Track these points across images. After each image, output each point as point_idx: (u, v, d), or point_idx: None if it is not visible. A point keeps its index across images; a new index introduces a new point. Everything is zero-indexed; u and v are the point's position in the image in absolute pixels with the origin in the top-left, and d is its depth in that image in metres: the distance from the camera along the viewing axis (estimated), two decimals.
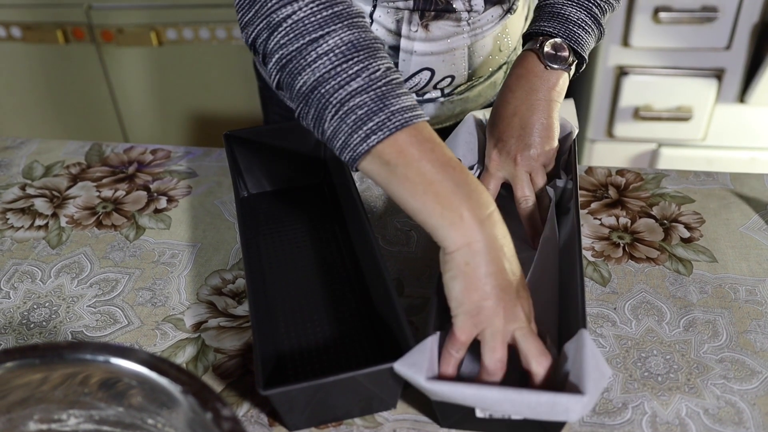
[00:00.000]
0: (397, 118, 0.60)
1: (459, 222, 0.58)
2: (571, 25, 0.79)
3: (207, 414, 0.47)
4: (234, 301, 0.77)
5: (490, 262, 0.59)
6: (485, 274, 0.58)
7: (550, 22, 0.80)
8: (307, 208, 0.88)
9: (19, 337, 0.74)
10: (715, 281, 0.77)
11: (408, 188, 0.60)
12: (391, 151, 0.60)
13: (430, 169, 0.59)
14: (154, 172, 0.96)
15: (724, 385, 0.67)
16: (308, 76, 0.62)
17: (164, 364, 0.50)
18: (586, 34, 0.80)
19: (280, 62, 0.64)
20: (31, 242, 0.86)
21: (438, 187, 0.59)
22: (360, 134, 0.60)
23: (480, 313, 0.59)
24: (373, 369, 0.59)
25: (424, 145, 0.60)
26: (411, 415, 0.65)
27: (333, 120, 0.61)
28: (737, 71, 1.59)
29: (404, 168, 0.60)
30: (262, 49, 0.66)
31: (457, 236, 0.59)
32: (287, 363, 0.69)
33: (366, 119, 0.60)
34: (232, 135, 0.88)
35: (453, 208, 0.59)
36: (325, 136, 0.63)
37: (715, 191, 0.89)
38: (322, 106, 0.62)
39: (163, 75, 1.87)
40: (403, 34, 0.87)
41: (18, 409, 0.53)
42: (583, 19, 0.80)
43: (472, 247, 0.58)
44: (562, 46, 0.79)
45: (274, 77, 0.65)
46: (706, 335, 0.71)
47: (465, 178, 0.60)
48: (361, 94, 0.61)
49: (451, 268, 0.59)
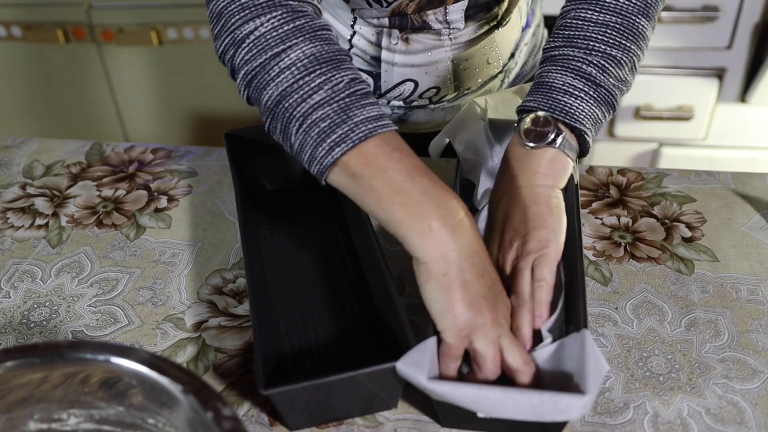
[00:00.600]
0: (360, 129, 0.59)
1: (429, 232, 0.58)
2: (554, 93, 0.69)
3: (208, 413, 0.47)
4: (235, 301, 0.77)
5: (467, 271, 0.58)
6: (464, 284, 0.58)
7: (532, 94, 0.71)
8: (307, 207, 0.88)
9: (19, 337, 0.74)
10: (717, 281, 0.77)
11: (375, 199, 0.59)
12: (356, 163, 0.59)
13: (397, 178, 0.58)
14: (154, 171, 0.96)
15: (726, 384, 0.66)
16: (272, 90, 0.62)
17: (165, 364, 0.50)
18: (577, 101, 0.68)
19: (246, 78, 0.64)
20: (32, 241, 0.86)
21: (405, 196, 0.58)
22: (324, 147, 0.60)
23: (466, 324, 0.59)
24: (374, 368, 0.59)
25: (391, 154, 0.59)
26: (412, 415, 0.65)
27: (298, 133, 0.61)
28: (738, 71, 1.59)
29: (370, 179, 0.59)
30: (230, 64, 0.66)
31: (430, 247, 0.58)
32: (288, 362, 0.69)
33: (329, 131, 0.59)
34: (233, 134, 0.87)
35: (422, 217, 0.58)
36: (293, 149, 0.63)
37: (716, 191, 0.89)
38: (287, 120, 0.62)
39: (164, 74, 1.87)
40: (384, 45, 0.86)
41: (18, 408, 0.53)
42: (569, 83, 0.68)
43: (447, 258, 0.58)
44: (546, 119, 0.68)
45: (243, 92, 0.65)
46: (707, 335, 0.71)
47: (433, 185, 0.59)
48: (323, 106, 0.60)
49: (428, 280, 0.59)
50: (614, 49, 0.69)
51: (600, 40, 0.69)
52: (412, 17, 0.83)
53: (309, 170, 0.62)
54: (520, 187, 0.68)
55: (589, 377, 0.57)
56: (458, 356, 0.60)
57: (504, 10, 0.88)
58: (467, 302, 0.58)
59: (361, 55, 0.88)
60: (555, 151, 0.68)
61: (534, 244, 0.65)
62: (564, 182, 0.69)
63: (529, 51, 0.99)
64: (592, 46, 0.69)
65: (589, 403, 0.56)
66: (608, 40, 0.69)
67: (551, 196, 0.67)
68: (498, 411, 0.57)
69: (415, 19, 0.83)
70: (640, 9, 0.70)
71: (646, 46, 0.72)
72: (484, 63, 0.90)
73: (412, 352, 0.59)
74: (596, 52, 0.69)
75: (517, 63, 0.97)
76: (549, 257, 0.64)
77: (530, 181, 0.68)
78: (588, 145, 0.70)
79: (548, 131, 0.67)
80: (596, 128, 0.70)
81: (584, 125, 0.68)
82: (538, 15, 0.99)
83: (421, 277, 0.59)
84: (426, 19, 0.83)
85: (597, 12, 0.70)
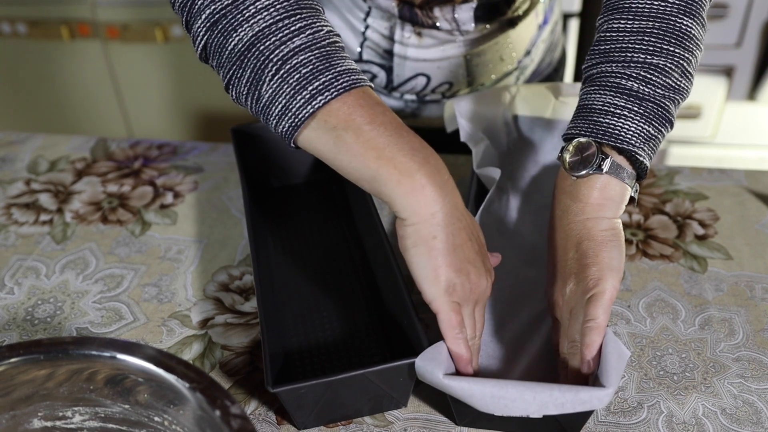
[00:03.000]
0: (344, 78, 0.54)
1: (420, 190, 0.54)
2: (594, 115, 0.62)
3: (215, 411, 0.46)
4: (241, 298, 0.76)
5: (457, 234, 0.56)
6: (454, 248, 0.56)
7: (573, 121, 0.65)
8: (314, 203, 0.87)
9: (23, 333, 0.73)
10: (731, 279, 0.76)
11: (359, 156, 0.54)
12: (338, 114, 0.54)
13: (383, 132, 0.54)
14: (160, 167, 0.95)
15: (741, 384, 0.65)
16: (245, 32, 0.55)
17: (172, 361, 0.49)
18: (621, 119, 0.61)
19: (210, 20, 0.56)
20: (36, 237, 0.85)
21: (393, 151, 0.54)
22: (304, 95, 0.54)
23: (455, 290, 0.56)
24: (384, 366, 0.58)
25: (375, 108, 0.55)
26: (422, 414, 0.64)
27: (273, 81, 0.55)
28: (747, 69, 1.58)
29: (354, 132, 0.54)
30: (188, 7, 0.58)
31: (419, 206, 0.54)
32: (296, 360, 0.68)
33: (311, 78, 0.54)
34: (240, 129, 0.86)
35: (410, 174, 0.54)
36: (261, 102, 0.56)
37: (729, 188, 0.88)
38: (260, 64, 0.55)
39: (169, 71, 1.86)
40: (396, 39, 0.85)
41: (22, 405, 0.52)
42: (609, 102, 0.62)
43: (436, 218, 0.55)
44: (588, 144, 0.62)
45: (200, 40, 0.58)
46: (722, 333, 0.70)
47: (420, 142, 0.56)
48: (305, 51, 0.54)
49: (416, 243, 0.55)
50: (655, 56, 0.62)
51: (638, 50, 0.62)
52: (422, 16, 0.82)
53: (275, 128, 0.56)
54: (571, 223, 0.63)
55: (610, 367, 0.56)
56: (459, 323, 0.58)
57: (517, 13, 0.86)
58: (455, 268, 0.56)
59: (374, 48, 0.87)
60: (605, 177, 0.62)
61: (587, 283, 0.60)
62: (621, 211, 0.63)
63: (546, 48, 0.97)
64: (630, 57, 0.62)
65: (612, 394, 0.55)
66: (647, 48, 0.62)
67: (605, 228, 0.61)
68: (518, 406, 0.56)
69: (425, 19, 0.82)
70: (680, 8, 0.62)
71: (698, 47, 0.63)
72: (498, 60, 0.89)
73: (429, 350, 0.58)
74: (635, 63, 0.62)
75: (533, 60, 0.95)
76: (602, 296, 0.59)
77: (581, 214, 0.62)
78: (644, 165, 0.62)
79: (592, 157, 0.61)
80: (651, 146, 0.62)
81: (633, 144, 0.61)
82: (556, 12, 0.97)
83: (408, 240, 0.56)
84: (435, 21, 0.82)
85: (631, 20, 0.63)
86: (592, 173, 0.62)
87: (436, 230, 0.55)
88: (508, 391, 0.55)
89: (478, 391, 0.56)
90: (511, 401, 0.55)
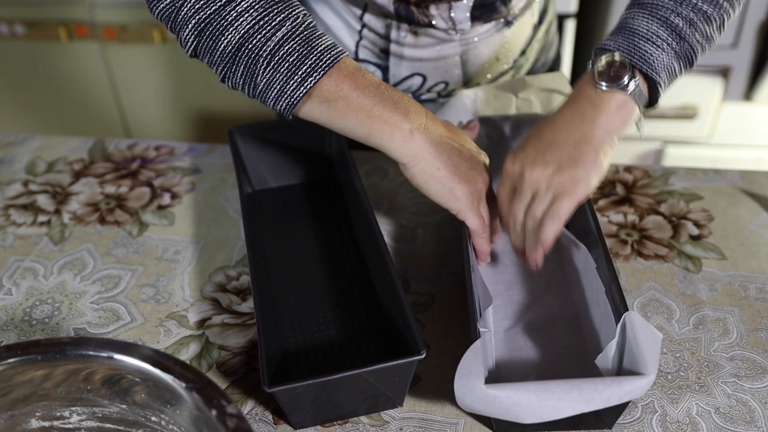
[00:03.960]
0: (326, 57, 0.62)
1: (410, 137, 0.64)
2: (636, 38, 0.67)
3: (212, 411, 0.46)
4: (238, 298, 0.76)
5: (452, 156, 0.66)
6: (455, 168, 0.66)
7: (613, 36, 0.69)
8: (311, 204, 0.87)
9: (21, 334, 0.73)
10: (725, 279, 0.76)
11: (353, 118, 0.64)
12: (328, 89, 0.63)
13: (368, 94, 0.64)
14: (157, 168, 0.96)
15: (735, 383, 0.66)
16: (231, 35, 0.62)
17: (168, 361, 0.49)
18: (659, 50, 0.67)
19: (197, 28, 0.63)
20: (34, 238, 0.85)
21: (380, 109, 0.64)
22: (296, 79, 0.62)
23: (472, 196, 0.67)
24: (380, 366, 0.58)
25: (356, 75, 0.64)
26: (418, 413, 0.64)
27: (266, 72, 0.63)
28: (743, 69, 1.58)
29: (344, 101, 0.63)
30: (170, 14, 0.64)
31: (414, 150, 0.65)
32: (292, 360, 0.68)
33: (299, 64, 0.62)
34: (237, 131, 0.87)
35: (398, 124, 0.64)
36: (257, 90, 0.64)
37: (723, 189, 0.88)
38: (251, 61, 0.63)
39: (167, 72, 1.87)
40: (392, 38, 0.86)
41: (20, 406, 0.52)
42: (654, 31, 0.67)
43: (431, 154, 0.65)
44: (622, 63, 0.67)
45: (190, 45, 0.65)
46: (716, 333, 0.70)
47: (399, 94, 0.65)
48: (288, 42, 0.62)
49: (426, 179, 0.66)
50: (706, 3, 0.67)
51: None
52: (418, 14, 0.82)
53: (273, 107, 0.64)
54: (580, 124, 0.67)
55: (647, 353, 0.57)
56: (482, 225, 0.68)
57: (513, 12, 0.87)
58: (464, 180, 0.67)
59: (370, 47, 0.88)
60: (625, 97, 0.67)
61: (566, 177, 0.65)
62: (624, 131, 0.68)
63: (540, 48, 0.98)
64: None
65: (652, 380, 0.56)
66: None
67: (605, 141, 0.67)
68: (565, 405, 0.55)
69: (421, 17, 0.82)
70: None
71: (739, 6, 0.69)
72: (494, 59, 0.90)
73: (460, 368, 0.57)
74: (687, 3, 0.67)
75: (528, 59, 0.96)
76: (573, 194, 0.65)
77: (593, 120, 0.67)
78: (659, 96, 0.68)
79: (623, 75, 0.66)
80: (670, 81, 0.69)
81: (660, 76, 0.67)
82: (551, 12, 0.97)
83: (418, 178, 0.66)
84: (432, 20, 0.82)
85: None
86: (617, 89, 0.67)
87: (436, 163, 0.66)
88: (554, 392, 0.55)
89: (524, 397, 0.55)
90: (558, 401, 0.55)
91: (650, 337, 0.58)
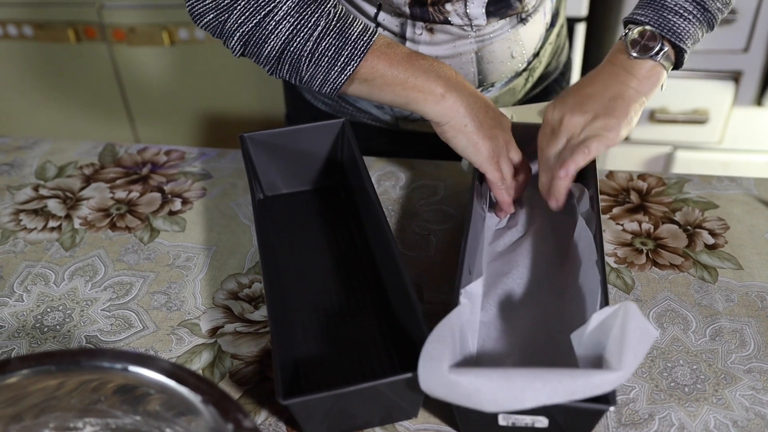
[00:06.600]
0: (359, 45, 0.72)
1: (442, 100, 0.73)
2: (665, 11, 0.74)
3: (228, 425, 0.46)
4: (251, 306, 0.76)
5: (478, 113, 0.74)
6: (480, 125, 0.74)
7: (643, 9, 0.75)
8: (323, 210, 0.87)
9: (32, 341, 0.73)
10: (741, 289, 0.75)
11: (390, 92, 0.74)
12: (365, 71, 0.73)
13: (401, 68, 0.73)
14: (168, 173, 0.95)
15: (753, 396, 0.65)
16: (273, 42, 0.72)
17: (184, 373, 0.49)
18: (685, 22, 0.74)
19: (242, 39, 0.73)
20: (45, 244, 0.85)
21: (414, 80, 0.73)
22: (336, 69, 0.72)
23: (493, 151, 0.75)
24: (396, 378, 0.58)
25: (388, 53, 0.73)
26: (432, 425, 0.64)
27: (309, 67, 0.73)
28: (755, 74, 1.57)
29: (381, 78, 0.73)
30: (215, 26, 0.74)
31: (446, 110, 0.74)
32: (306, 370, 0.68)
33: (337, 56, 0.72)
34: (248, 137, 0.86)
35: (431, 90, 0.73)
36: (302, 81, 0.75)
37: (738, 197, 0.88)
38: (295, 60, 0.73)
39: (175, 75, 1.86)
40: (408, 36, 0.86)
41: (33, 416, 0.52)
42: (681, 4, 0.74)
43: (460, 111, 0.73)
44: (652, 34, 0.74)
45: (237, 51, 0.75)
46: (733, 345, 0.70)
47: (428, 61, 0.74)
48: (325, 38, 0.72)
49: (455, 135, 0.75)
50: None
51: None
52: (434, 12, 0.82)
53: (320, 90, 0.74)
54: (615, 82, 0.74)
55: (628, 348, 0.54)
56: (501, 178, 0.76)
57: (527, 8, 0.87)
58: (487, 137, 0.75)
59: None
60: (654, 63, 0.74)
61: (600, 123, 0.71)
62: (653, 94, 0.75)
63: (553, 51, 0.98)
64: None
65: (624, 377, 0.54)
66: None
67: (636, 100, 0.73)
68: (528, 396, 0.54)
69: (437, 15, 0.82)
70: None
71: None
72: (508, 57, 0.90)
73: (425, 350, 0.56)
74: None
75: (541, 62, 0.96)
76: (605, 138, 0.70)
77: (625, 81, 0.74)
78: (684, 60, 0.76)
79: (654, 46, 0.74)
80: (693, 45, 0.76)
81: (686, 44, 0.74)
82: (562, 16, 0.98)
83: (448, 134, 0.75)
84: (447, 15, 0.82)
85: None
86: (647, 58, 0.74)
87: (464, 120, 0.74)
88: (516, 381, 0.54)
89: (486, 384, 0.54)
90: (521, 391, 0.54)
91: (641, 331, 0.56)
